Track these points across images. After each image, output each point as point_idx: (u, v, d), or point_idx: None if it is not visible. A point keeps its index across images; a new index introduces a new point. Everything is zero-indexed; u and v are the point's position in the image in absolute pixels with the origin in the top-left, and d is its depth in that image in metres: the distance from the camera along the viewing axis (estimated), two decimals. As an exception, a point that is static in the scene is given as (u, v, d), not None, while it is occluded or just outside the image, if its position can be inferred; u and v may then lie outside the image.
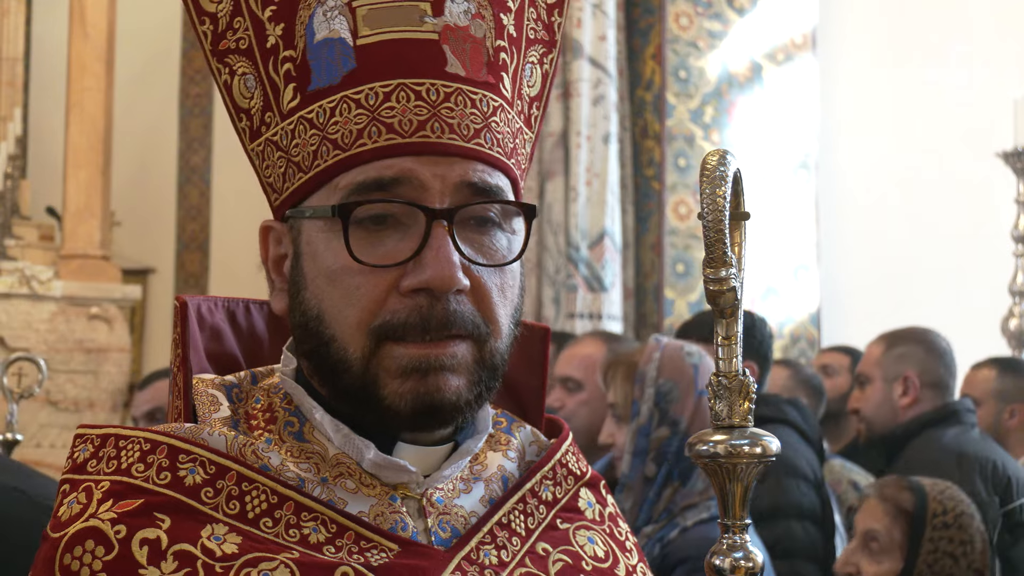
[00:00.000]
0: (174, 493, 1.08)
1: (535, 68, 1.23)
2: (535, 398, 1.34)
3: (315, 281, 1.13)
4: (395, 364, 1.10)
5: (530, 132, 1.22)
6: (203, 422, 1.16)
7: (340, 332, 1.11)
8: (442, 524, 1.15)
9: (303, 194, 1.15)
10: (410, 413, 1.11)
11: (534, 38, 1.22)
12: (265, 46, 1.15)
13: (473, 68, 1.13)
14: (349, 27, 1.12)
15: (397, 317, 1.10)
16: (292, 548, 1.07)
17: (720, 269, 0.83)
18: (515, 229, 1.16)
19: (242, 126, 1.19)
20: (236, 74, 1.17)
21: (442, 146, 1.10)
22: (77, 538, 1.05)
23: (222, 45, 1.18)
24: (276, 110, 1.15)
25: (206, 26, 1.18)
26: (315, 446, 1.15)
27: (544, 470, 1.24)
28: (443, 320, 1.09)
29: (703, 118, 6.42)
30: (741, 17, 6.52)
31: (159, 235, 9.07)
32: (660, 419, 2.74)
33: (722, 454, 0.88)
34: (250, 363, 1.27)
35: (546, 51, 1.24)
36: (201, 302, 1.25)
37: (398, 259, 1.10)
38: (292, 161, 1.14)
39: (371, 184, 1.10)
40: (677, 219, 6.33)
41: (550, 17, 1.24)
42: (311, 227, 1.14)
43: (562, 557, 1.18)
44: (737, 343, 0.87)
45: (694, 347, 2.90)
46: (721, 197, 0.82)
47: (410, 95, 1.10)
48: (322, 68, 1.12)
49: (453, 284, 1.09)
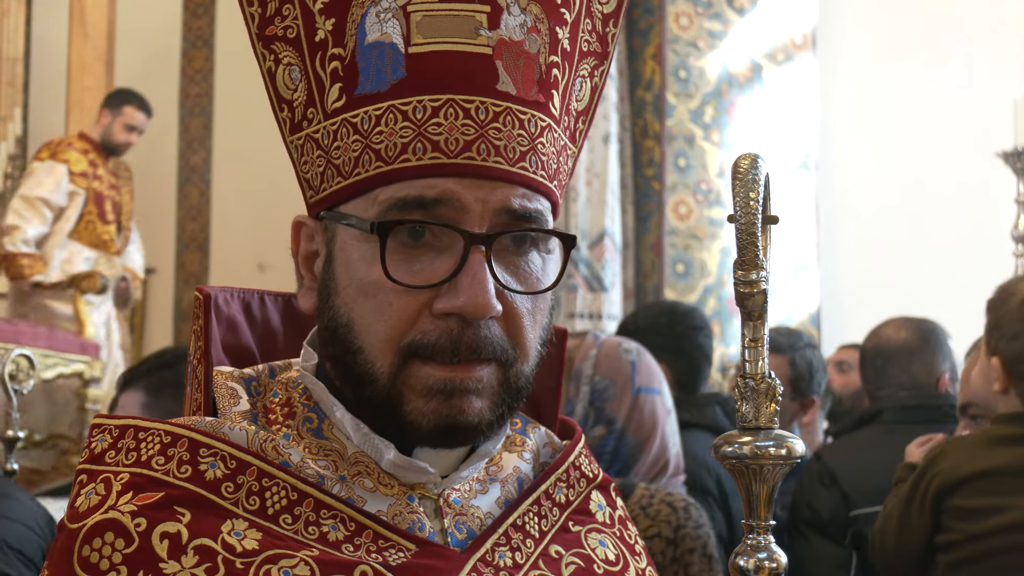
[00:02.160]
0: (194, 487, 1.08)
1: (585, 82, 1.21)
2: (550, 399, 1.33)
3: (347, 289, 1.13)
4: (421, 383, 1.10)
5: (574, 147, 1.21)
6: (223, 415, 1.15)
7: (368, 344, 1.11)
8: (458, 525, 1.16)
9: (340, 198, 1.13)
10: (431, 432, 1.11)
11: (587, 51, 1.21)
12: (314, 39, 1.13)
13: (524, 86, 1.12)
14: (402, 32, 1.10)
15: (427, 338, 1.09)
16: (312, 546, 1.07)
17: (751, 272, 0.84)
18: (550, 249, 1.15)
19: (283, 116, 1.17)
20: (281, 63, 1.15)
21: (487, 169, 1.09)
22: (96, 530, 1.05)
23: (269, 31, 1.15)
24: (320, 107, 1.13)
25: (254, 7, 1.16)
26: (334, 443, 1.15)
27: (558, 472, 1.25)
28: (473, 346, 1.09)
29: (703, 118, 6.43)
30: (741, 17, 6.53)
31: (159, 235, 9.06)
32: (595, 418, 2.70)
33: (748, 455, 0.89)
34: (265, 356, 1.27)
35: (598, 63, 1.22)
36: (218, 293, 1.25)
37: (433, 280, 1.09)
38: (332, 163, 1.13)
39: (412, 202, 1.08)
40: (677, 219, 6.34)
41: (605, 28, 1.22)
42: (346, 233, 1.13)
43: (575, 560, 1.19)
44: (764, 345, 0.87)
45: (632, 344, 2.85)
46: (754, 200, 0.83)
47: (459, 112, 1.09)
48: (371, 72, 1.10)
49: (487, 312, 1.08)
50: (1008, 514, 2.20)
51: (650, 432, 2.80)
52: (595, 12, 1.21)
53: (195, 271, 8.98)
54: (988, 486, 2.21)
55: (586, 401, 2.72)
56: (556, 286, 1.15)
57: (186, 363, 1.23)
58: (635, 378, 2.73)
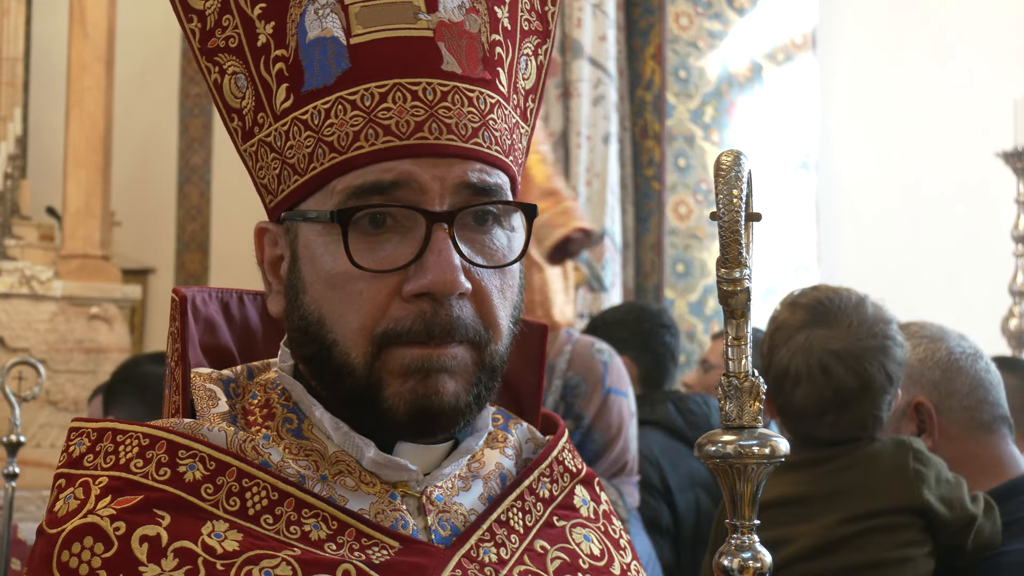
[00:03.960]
0: (174, 489, 1.07)
1: (530, 60, 1.22)
2: (532, 395, 1.34)
3: (314, 286, 1.13)
4: (398, 364, 1.10)
5: (526, 126, 1.22)
6: (202, 417, 1.15)
7: (342, 336, 1.11)
8: (442, 522, 1.15)
9: (299, 196, 1.13)
10: (407, 415, 1.11)
11: (528, 29, 1.21)
12: (256, 45, 1.14)
13: (469, 65, 1.12)
14: (342, 25, 1.11)
15: (401, 324, 1.09)
16: (293, 545, 1.06)
17: (735, 270, 0.83)
18: (514, 226, 1.15)
19: (234, 126, 1.18)
20: (226, 73, 1.16)
21: (440, 147, 1.09)
22: (75, 534, 1.04)
23: (211, 43, 1.16)
24: (269, 110, 1.14)
25: (193, 23, 1.17)
26: (314, 443, 1.15)
27: (541, 467, 1.24)
28: (446, 327, 1.09)
29: (703, 118, 6.42)
30: (741, 17, 6.52)
31: (159, 235, 9.07)
32: (565, 412, 2.71)
33: (732, 454, 0.88)
34: (244, 356, 1.26)
35: (540, 42, 1.23)
36: (196, 293, 1.24)
37: (399, 263, 1.09)
38: (287, 163, 1.13)
39: (369, 188, 1.09)
40: (677, 219, 6.33)
41: (543, 7, 1.23)
42: (308, 230, 1.13)
43: (560, 555, 1.18)
44: (747, 343, 0.87)
45: (605, 345, 2.86)
46: (737, 198, 0.83)
47: (406, 95, 1.09)
48: (315, 68, 1.11)
49: (455, 288, 1.08)
50: (793, 545, 2.07)
51: (616, 433, 2.84)
52: None
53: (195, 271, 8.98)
54: (776, 516, 2.06)
55: (558, 395, 2.74)
56: (522, 258, 1.15)
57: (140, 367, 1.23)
58: (606, 378, 2.76)
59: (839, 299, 2.21)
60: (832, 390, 2.15)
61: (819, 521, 2.06)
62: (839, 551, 2.02)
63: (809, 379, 2.16)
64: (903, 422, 2.20)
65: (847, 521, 2.08)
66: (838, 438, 2.17)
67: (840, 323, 2.17)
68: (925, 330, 2.32)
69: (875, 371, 2.15)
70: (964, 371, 2.24)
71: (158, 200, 9.03)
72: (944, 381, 2.23)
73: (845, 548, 2.01)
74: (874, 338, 2.16)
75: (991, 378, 2.26)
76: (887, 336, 2.16)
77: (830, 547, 2.07)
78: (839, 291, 2.25)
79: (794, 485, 2.13)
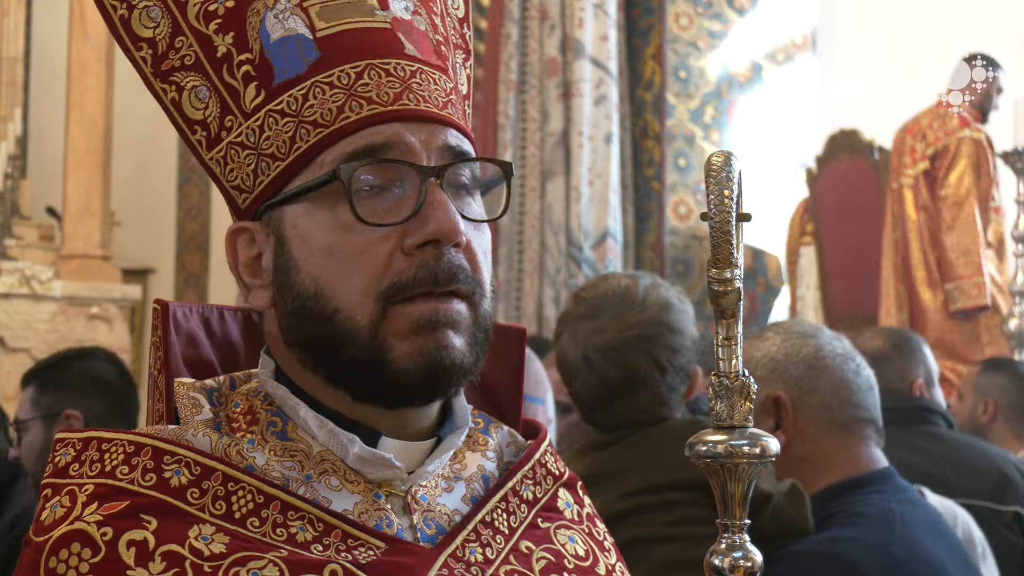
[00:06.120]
0: (160, 494, 1.07)
1: (462, 69, 1.27)
2: (512, 400, 1.34)
3: (310, 260, 1.13)
4: (405, 323, 1.11)
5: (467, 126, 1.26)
6: (186, 424, 1.15)
7: (345, 302, 1.12)
8: (427, 521, 1.15)
9: (280, 183, 1.15)
10: (419, 373, 1.11)
11: (456, 43, 1.27)
12: (215, 56, 1.16)
13: (425, 53, 1.18)
14: (305, 23, 1.15)
15: (405, 276, 1.11)
16: (280, 547, 1.07)
17: (725, 270, 0.84)
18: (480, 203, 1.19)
19: (196, 139, 1.18)
20: (184, 89, 1.17)
21: (422, 112, 1.14)
22: (62, 541, 1.04)
23: (164, 65, 1.18)
24: (238, 112, 1.15)
25: (143, 52, 1.18)
26: (299, 444, 1.15)
27: (524, 469, 1.25)
28: (449, 272, 1.11)
29: (703, 118, 6.43)
30: (741, 17, 6.52)
31: (159, 235, 9.08)
32: None
33: (723, 454, 0.88)
34: (226, 370, 1.26)
35: (466, 57, 1.29)
36: (176, 307, 1.24)
37: (399, 217, 1.11)
38: (264, 154, 1.14)
39: (360, 152, 1.11)
40: (677, 219, 6.33)
41: (462, 28, 1.29)
42: (294, 211, 1.14)
43: (545, 555, 1.19)
44: (738, 343, 0.87)
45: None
46: (728, 198, 0.83)
47: (380, 73, 1.14)
48: (285, 62, 1.14)
49: (457, 232, 1.11)
50: None
51: None
52: (452, 13, 1.29)
53: (195, 271, 9.00)
54: None
55: None
56: (502, 216, 1.20)
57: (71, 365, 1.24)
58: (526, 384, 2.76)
59: (609, 289, 2.22)
60: (598, 381, 2.18)
61: (600, 498, 2.08)
62: (615, 527, 2.03)
63: (580, 371, 2.20)
64: (761, 416, 2.17)
65: (626, 496, 2.08)
66: (623, 423, 2.19)
67: (603, 315, 2.19)
68: (798, 327, 2.29)
69: (640, 361, 2.16)
70: (829, 370, 2.19)
71: (158, 200, 9.04)
72: (807, 378, 2.18)
73: (622, 523, 1.99)
74: (636, 327, 2.16)
75: (860, 381, 2.21)
76: (657, 324, 2.16)
77: (609, 523, 2.08)
78: (611, 280, 2.26)
79: (590, 466, 2.14)
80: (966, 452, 3.30)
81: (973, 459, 3.28)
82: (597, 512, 1.32)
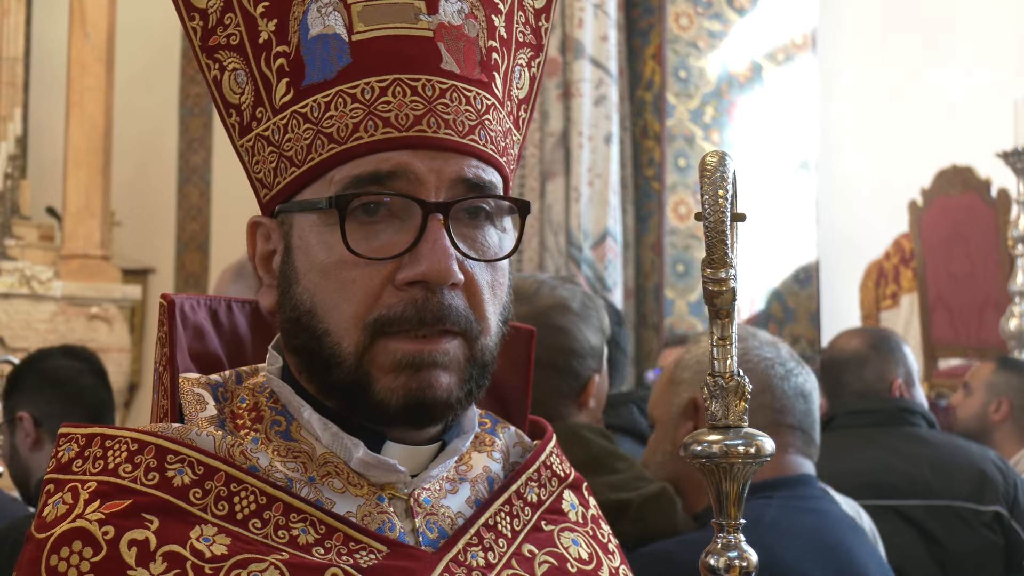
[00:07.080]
0: (162, 494, 1.07)
1: (524, 71, 1.23)
2: (519, 399, 1.34)
3: (308, 275, 1.13)
4: (389, 359, 1.10)
5: (518, 134, 1.23)
6: (190, 421, 1.15)
7: (334, 326, 1.11)
8: (429, 525, 1.15)
9: (295, 188, 1.14)
10: (401, 408, 1.10)
11: (523, 41, 1.23)
12: (257, 42, 1.15)
13: (467, 66, 1.14)
14: (344, 23, 1.13)
15: (392, 311, 1.09)
16: (281, 549, 1.06)
17: (720, 270, 0.83)
18: (506, 227, 1.16)
19: (231, 122, 1.18)
20: (226, 70, 1.17)
21: (438, 140, 1.10)
22: (64, 539, 1.04)
23: (212, 41, 1.17)
24: (268, 105, 1.15)
25: (196, 22, 1.18)
26: (303, 445, 1.15)
27: (529, 472, 1.24)
28: (438, 314, 1.09)
29: (703, 118, 6.42)
30: (741, 17, 6.52)
31: (159, 235, 9.08)
32: None
33: (718, 454, 0.88)
34: (233, 363, 1.26)
35: (534, 55, 1.25)
36: (184, 300, 1.24)
37: (393, 252, 1.09)
38: (284, 156, 1.14)
39: (367, 177, 1.10)
40: (677, 219, 6.33)
41: (537, 21, 1.25)
42: (303, 221, 1.13)
43: (548, 559, 1.18)
44: (732, 343, 0.87)
45: None
46: (722, 198, 0.83)
47: (406, 90, 1.11)
48: (316, 63, 1.12)
49: (449, 277, 1.09)
50: None
51: None
52: (527, 6, 1.24)
53: (195, 271, 8.99)
54: None
55: None
56: (513, 254, 1.17)
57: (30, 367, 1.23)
58: None
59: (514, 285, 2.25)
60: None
61: None
62: None
63: None
64: (681, 419, 2.16)
65: None
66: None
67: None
68: (739, 331, 2.29)
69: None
70: (752, 374, 2.14)
71: (158, 200, 9.04)
72: None
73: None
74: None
75: (785, 387, 2.17)
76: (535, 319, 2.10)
77: None
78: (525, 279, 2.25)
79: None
80: (946, 453, 3.29)
81: (953, 460, 3.27)
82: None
